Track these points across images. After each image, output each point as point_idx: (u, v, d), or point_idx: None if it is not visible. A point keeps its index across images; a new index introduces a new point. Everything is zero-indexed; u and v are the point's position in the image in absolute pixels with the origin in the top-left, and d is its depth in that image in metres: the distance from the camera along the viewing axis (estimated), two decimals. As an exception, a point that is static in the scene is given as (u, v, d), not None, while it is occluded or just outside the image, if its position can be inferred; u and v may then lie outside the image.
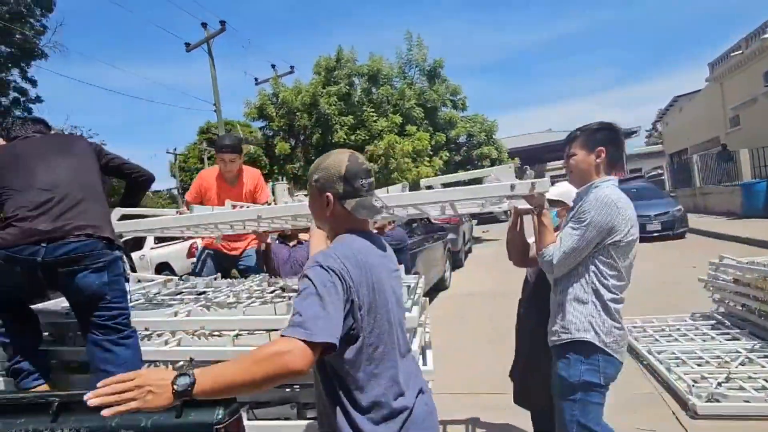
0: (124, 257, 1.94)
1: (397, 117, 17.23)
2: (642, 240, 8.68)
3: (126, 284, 1.94)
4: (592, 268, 1.65)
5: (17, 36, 11.26)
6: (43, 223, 1.70)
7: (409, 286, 2.39)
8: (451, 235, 9.65)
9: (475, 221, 19.34)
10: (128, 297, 1.92)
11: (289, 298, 1.97)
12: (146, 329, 1.78)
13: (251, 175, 3.51)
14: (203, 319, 1.70)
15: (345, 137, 16.38)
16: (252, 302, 1.93)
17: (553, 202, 2.34)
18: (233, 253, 3.58)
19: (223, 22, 15.41)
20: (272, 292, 2.24)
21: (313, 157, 17.48)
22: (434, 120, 19.04)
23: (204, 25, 15.56)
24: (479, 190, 1.72)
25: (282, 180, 20.52)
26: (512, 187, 1.62)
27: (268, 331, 1.64)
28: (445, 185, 2.00)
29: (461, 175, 2.18)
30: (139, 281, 2.73)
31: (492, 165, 21.10)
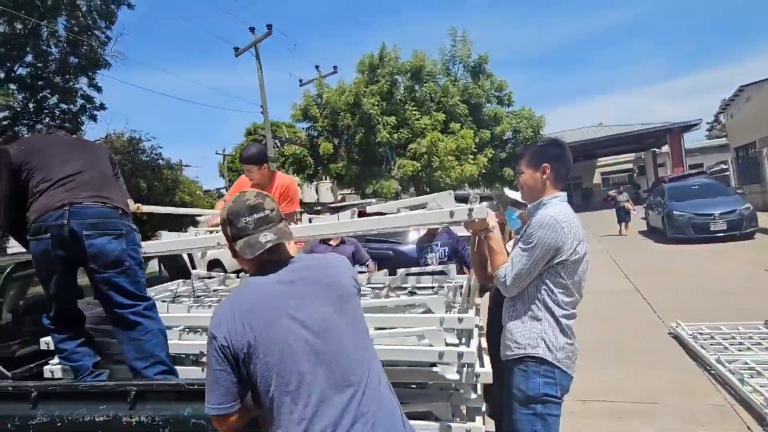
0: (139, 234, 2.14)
1: (441, 114, 17.05)
2: (706, 241, 8.13)
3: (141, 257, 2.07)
4: (543, 286, 1.68)
5: (84, 47, 12.12)
6: (63, 193, 1.89)
7: (460, 287, 2.37)
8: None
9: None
10: (144, 268, 2.12)
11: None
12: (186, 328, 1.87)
13: (281, 183, 3.50)
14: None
15: (388, 136, 16.43)
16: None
17: (517, 204, 2.38)
18: None
19: (269, 26, 15.82)
20: None
21: (356, 156, 17.68)
22: (479, 116, 18.69)
23: (252, 29, 16.06)
24: (420, 217, 1.74)
25: (326, 179, 20.89)
26: (451, 213, 1.66)
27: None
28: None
29: (405, 201, 2.15)
30: (200, 278, 2.84)
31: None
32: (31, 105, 12.39)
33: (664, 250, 10.18)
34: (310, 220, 2.51)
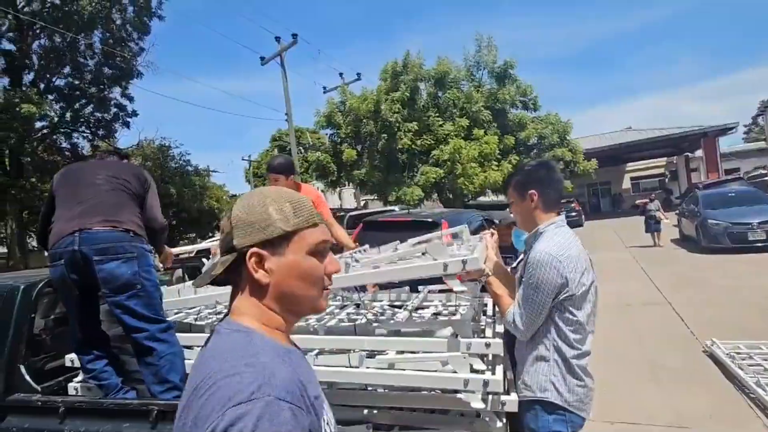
0: (155, 254, 2.16)
1: (464, 120, 16.93)
2: (743, 251, 7.76)
3: (155, 276, 2.05)
4: (551, 325, 1.57)
5: (118, 59, 12.59)
6: (74, 219, 1.94)
7: (485, 305, 2.32)
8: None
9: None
10: (160, 290, 2.06)
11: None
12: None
13: (308, 193, 3.59)
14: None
15: (410, 143, 16.40)
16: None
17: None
18: None
19: (294, 35, 16.05)
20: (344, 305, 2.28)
21: (379, 163, 17.72)
22: (503, 122, 18.48)
23: (278, 39, 16.32)
24: (412, 270, 1.65)
25: (349, 185, 21.01)
26: (445, 266, 1.57)
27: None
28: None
29: (399, 253, 2.08)
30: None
31: (566, 167, 20.10)
32: (68, 114, 12.93)
33: (697, 261, 9.78)
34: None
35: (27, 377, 2.05)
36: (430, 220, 5.41)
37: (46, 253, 2.13)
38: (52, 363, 2.33)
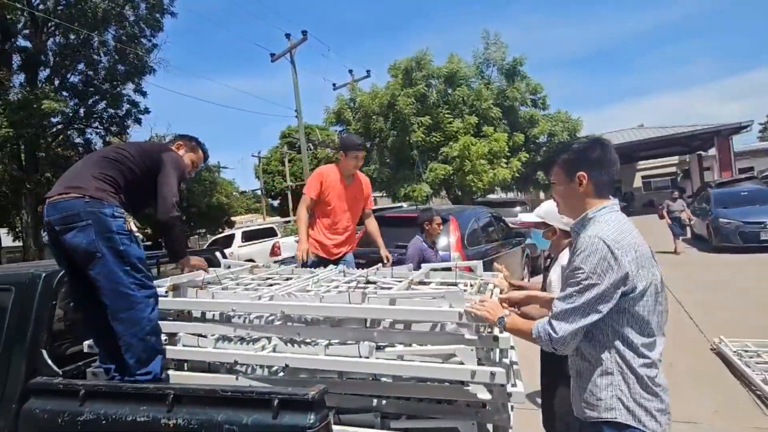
0: (126, 216, 1.88)
1: (473, 118, 16.88)
2: (755, 251, 7.67)
3: (129, 242, 1.85)
4: (611, 329, 1.33)
5: (131, 55, 12.75)
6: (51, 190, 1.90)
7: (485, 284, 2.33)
8: (530, 241, 9.26)
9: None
10: (134, 259, 1.84)
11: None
12: (233, 310, 1.88)
13: (365, 180, 3.78)
14: (283, 303, 1.80)
15: (422, 138, 16.38)
16: (329, 290, 2.03)
17: (538, 225, 2.19)
18: (333, 258, 3.77)
19: (304, 32, 16.14)
20: (351, 282, 2.33)
21: (388, 160, 17.73)
22: (513, 120, 18.39)
23: (288, 35, 16.41)
24: (429, 314, 1.63)
25: (358, 182, 21.05)
26: (460, 315, 1.55)
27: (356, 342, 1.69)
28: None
29: (415, 293, 2.09)
30: (228, 267, 2.93)
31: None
32: (81, 110, 13.13)
33: (708, 260, 9.69)
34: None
35: (49, 361, 2.13)
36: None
37: None
38: (71, 348, 2.41)
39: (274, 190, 34.58)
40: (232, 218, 18.23)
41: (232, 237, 14.59)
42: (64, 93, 12.32)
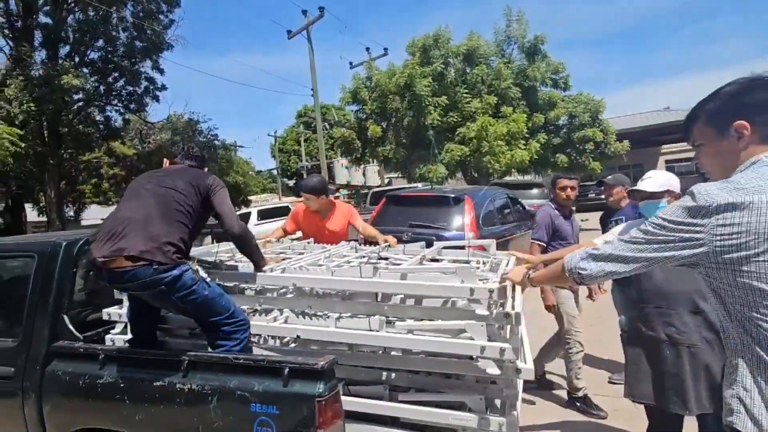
0: (194, 266, 1.91)
1: (492, 98, 16.54)
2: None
3: (203, 287, 1.88)
4: (740, 310, 1.03)
5: (149, 32, 12.77)
6: (96, 251, 1.83)
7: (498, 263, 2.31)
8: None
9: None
10: (215, 296, 1.89)
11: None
12: (246, 282, 1.94)
13: (345, 209, 3.58)
14: (294, 276, 1.83)
15: (438, 119, 16.15)
16: (340, 265, 2.04)
17: (657, 195, 1.93)
18: None
19: (321, 8, 15.91)
20: (363, 257, 2.34)
21: (404, 140, 17.57)
22: (532, 100, 17.98)
23: (304, 12, 16.21)
24: (440, 289, 1.62)
25: (373, 162, 20.97)
26: (472, 291, 1.54)
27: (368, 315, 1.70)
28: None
29: (428, 267, 2.04)
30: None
31: (596, 148, 19.52)
32: (101, 87, 13.29)
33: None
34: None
35: (70, 326, 2.21)
36: (452, 196, 5.37)
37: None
38: (92, 315, 2.49)
39: (290, 169, 34.73)
40: (248, 197, 18.41)
41: (248, 215, 14.76)
42: (84, 69, 12.46)
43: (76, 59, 12.45)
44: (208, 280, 1.96)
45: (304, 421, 1.39)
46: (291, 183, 34.59)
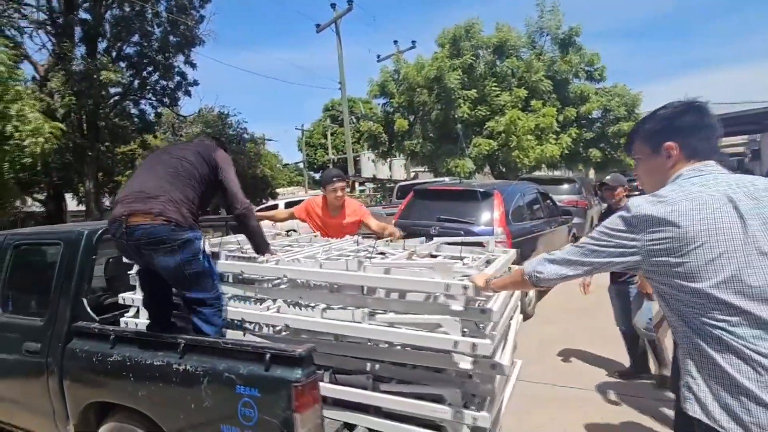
0: (204, 236, 2.10)
1: (522, 91, 16.21)
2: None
3: (206, 260, 2.00)
4: (675, 300, 1.16)
5: (182, 27, 13.18)
6: (119, 209, 1.98)
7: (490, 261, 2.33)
8: (577, 219, 8.88)
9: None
10: (211, 273, 2.01)
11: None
12: (242, 272, 2.04)
13: (355, 207, 3.63)
14: (285, 268, 1.91)
15: (468, 112, 15.97)
16: (330, 258, 2.10)
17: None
18: None
19: (350, 1, 15.97)
20: (361, 252, 2.40)
21: (431, 134, 17.48)
22: (564, 93, 17.52)
23: (333, 5, 16.31)
24: (416, 283, 1.66)
25: (399, 156, 20.98)
26: (447, 287, 1.57)
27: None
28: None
29: (413, 263, 2.03)
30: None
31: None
32: (136, 82, 13.83)
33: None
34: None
35: (88, 309, 2.38)
36: (481, 190, 5.30)
37: None
38: (109, 299, 2.67)
39: (317, 162, 35.21)
40: (275, 190, 18.77)
41: (275, 207, 15.10)
42: (121, 64, 13.01)
43: (113, 54, 13.01)
44: (210, 257, 2.07)
45: (282, 404, 1.48)
46: (317, 176, 35.08)
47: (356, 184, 22.26)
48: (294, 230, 3.44)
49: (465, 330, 1.59)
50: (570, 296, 5.62)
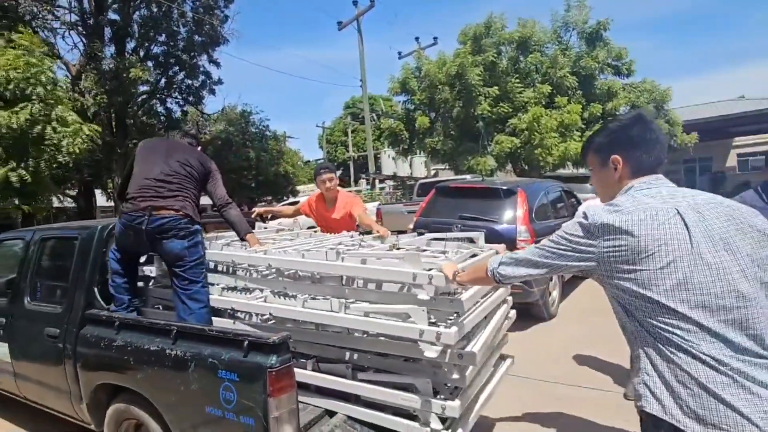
0: (203, 232, 2.55)
1: (546, 87, 15.91)
2: None
3: (202, 250, 2.42)
4: (629, 305, 1.22)
5: (206, 26, 13.55)
6: (144, 203, 2.37)
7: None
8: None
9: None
10: (204, 260, 2.41)
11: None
12: (233, 261, 2.26)
13: (347, 198, 3.69)
14: (269, 257, 2.04)
15: (488, 109, 15.79)
16: (311, 249, 2.17)
17: None
18: None
19: (372, -1, 16.02)
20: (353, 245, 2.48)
21: (452, 131, 17.38)
22: (590, 90, 17.09)
23: (355, 2, 16.40)
24: (385, 273, 1.73)
25: (420, 154, 20.93)
26: (414, 276, 1.61)
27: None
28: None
29: (390, 253, 2.08)
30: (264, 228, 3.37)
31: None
32: (163, 81, 14.31)
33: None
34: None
35: (98, 297, 2.55)
36: (504, 188, 5.21)
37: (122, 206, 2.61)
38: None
39: (337, 159, 35.48)
40: (296, 187, 19.07)
41: (296, 204, 15.33)
42: (148, 63, 13.48)
43: (141, 54, 13.50)
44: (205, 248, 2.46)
45: (257, 388, 1.56)
46: (338, 173, 35.22)
47: (376, 182, 22.37)
48: (283, 228, 3.53)
49: (434, 320, 1.65)
50: (594, 296, 5.57)
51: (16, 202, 8.04)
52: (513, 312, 2.59)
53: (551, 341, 4.29)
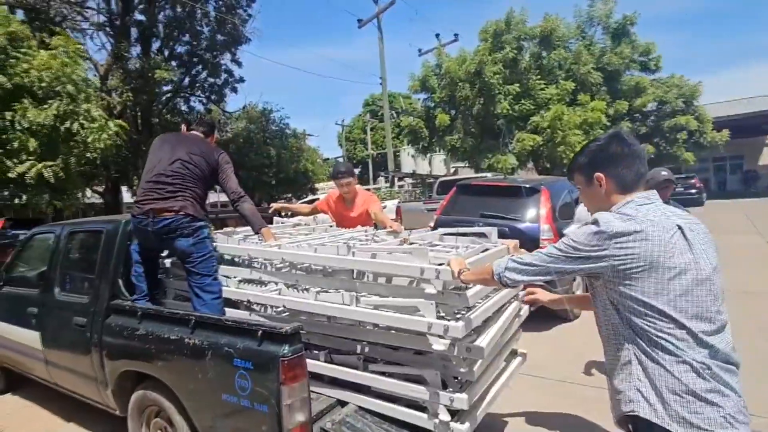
0: (210, 226, 2.63)
1: (569, 84, 15.63)
2: None
3: (210, 244, 2.52)
4: (627, 310, 1.26)
5: (229, 25, 13.79)
6: (146, 206, 2.47)
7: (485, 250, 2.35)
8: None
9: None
10: (213, 254, 2.49)
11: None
12: (249, 255, 2.32)
13: (365, 196, 3.77)
14: (283, 252, 2.09)
15: (509, 107, 15.61)
16: (324, 244, 2.22)
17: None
18: None
19: (393, -5, 15.99)
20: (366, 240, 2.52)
21: (472, 129, 17.23)
22: (615, 86, 16.71)
23: (375, 0, 16.40)
24: (391, 267, 1.74)
25: (440, 152, 20.83)
26: (422, 271, 1.63)
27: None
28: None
29: (400, 248, 2.08)
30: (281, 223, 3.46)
31: (690, 137, 17.73)
32: (186, 80, 14.63)
33: None
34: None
35: (122, 288, 2.66)
36: (527, 186, 5.13)
37: None
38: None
39: (356, 157, 35.60)
40: (315, 185, 19.23)
41: (315, 201, 15.47)
42: (172, 62, 13.80)
43: (165, 53, 13.84)
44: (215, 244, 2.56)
45: (270, 377, 1.62)
46: (357, 171, 35.34)
47: (395, 180, 22.37)
48: (299, 223, 3.59)
49: (442, 314, 1.67)
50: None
51: (48, 198, 8.34)
52: (525, 308, 2.58)
53: (574, 342, 4.23)
